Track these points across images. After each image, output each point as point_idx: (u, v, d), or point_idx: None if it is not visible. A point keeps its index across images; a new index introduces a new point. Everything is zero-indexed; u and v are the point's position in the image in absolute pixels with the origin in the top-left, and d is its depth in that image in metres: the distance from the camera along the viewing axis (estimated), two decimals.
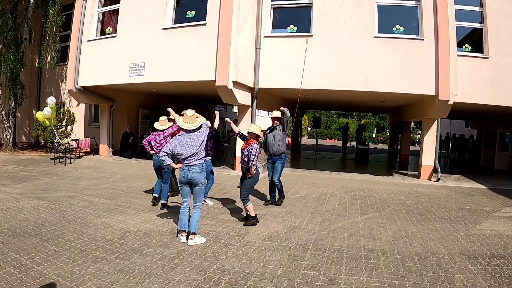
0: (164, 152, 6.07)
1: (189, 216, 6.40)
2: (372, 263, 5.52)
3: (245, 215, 7.80)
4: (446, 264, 5.57)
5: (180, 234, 6.34)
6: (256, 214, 7.60)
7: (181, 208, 6.46)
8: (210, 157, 9.09)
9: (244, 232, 6.85)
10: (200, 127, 6.34)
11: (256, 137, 7.57)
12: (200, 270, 5.05)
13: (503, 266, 5.58)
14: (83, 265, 5.08)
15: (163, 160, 6.12)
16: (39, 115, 15.04)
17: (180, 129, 6.42)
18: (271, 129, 9.25)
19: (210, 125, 7.11)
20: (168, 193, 8.93)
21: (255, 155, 7.43)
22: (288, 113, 8.93)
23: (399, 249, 6.19)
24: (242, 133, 8.15)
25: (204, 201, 8.87)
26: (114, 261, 5.26)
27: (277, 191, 9.35)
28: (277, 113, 9.06)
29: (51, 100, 15.35)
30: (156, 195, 8.90)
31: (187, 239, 6.20)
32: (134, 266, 5.13)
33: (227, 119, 8.62)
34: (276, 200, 9.33)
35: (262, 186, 10.80)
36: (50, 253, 5.46)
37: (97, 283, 4.57)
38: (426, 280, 4.96)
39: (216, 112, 8.09)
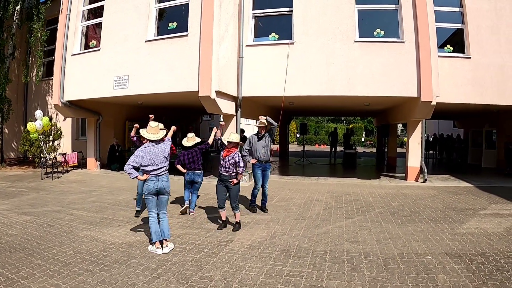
0: (130, 165, 6.12)
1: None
2: (355, 267, 5.55)
3: (221, 222, 7.86)
4: (430, 265, 5.61)
5: (154, 246, 6.29)
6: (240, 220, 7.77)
7: (152, 220, 6.41)
8: (201, 170, 9.16)
9: (228, 241, 6.86)
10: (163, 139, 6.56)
11: (237, 145, 7.66)
12: (182, 279, 5.07)
13: (487, 264, 5.63)
14: (68, 277, 5.10)
15: (129, 174, 6.16)
16: (30, 125, 15.03)
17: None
18: (259, 137, 9.19)
19: (171, 141, 7.19)
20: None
21: (242, 161, 7.59)
22: (274, 122, 8.98)
23: (383, 252, 6.23)
24: (222, 141, 8.16)
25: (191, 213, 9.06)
26: (98, 273, 5.28)
27: (262, 197, 9.38)
28: (264, 122, 9.06)
29: (38, 113, 15.31)
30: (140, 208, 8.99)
31: (162, 246, 6.26)
32: (117, 277, 5.14)
33: (216, 130, 8.62)
34: (261, 205, 9.41)
35: (246, 193, 10.79)
36: (36, 267, 5.48)
37: None
38: (409, 281, 5.00)
39: (215, 129, 8.24)
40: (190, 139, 8.81)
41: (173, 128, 7.48)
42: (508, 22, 13.26)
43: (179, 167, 8.89)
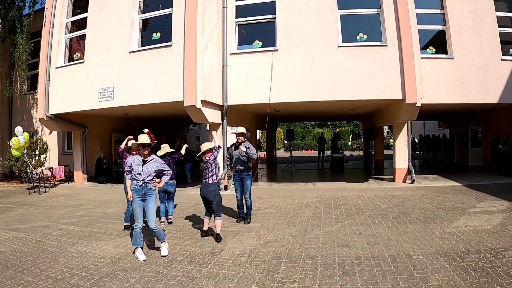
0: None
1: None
2: (346, 271, 5.55)
3: (205, 229, 7.88)
4: (421, 265, 5.63)
5: (138, 252, 6.48)
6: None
7: (137, 227, 6.50)
8: (174, 180, 9.18)
9: (218, 250, 6.83)
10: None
11: (210, 150, 7.67)
12: None
13: (478, 261, 5.67)
14: None
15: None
16: (14, 140, 14.93)
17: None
18: (236, 146, 9.04)
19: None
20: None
21: (214, 159, 7.66)
22: (252, 154, 8.89)
23: (374, 254, 6.24)
24: (182, 155, 8.38)
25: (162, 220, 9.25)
26: None
27: (245, 208, 9.19)
28: (241, 129, 8.94)
29: (18, 129, 15.20)
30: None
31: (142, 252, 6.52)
32: None
33: (185, 145, 9.23)
34: (245, 216, 9.18)
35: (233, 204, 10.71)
36: (26, 284, 5.40)
37: None
38: (401, 283, 5.01)
39: (185, 146, 9.01)
40: (163, 149, 8.95)
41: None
42: (489, 23, 13.49)
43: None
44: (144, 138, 6.64)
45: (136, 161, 6.65)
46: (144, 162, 6.63)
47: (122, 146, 8.49)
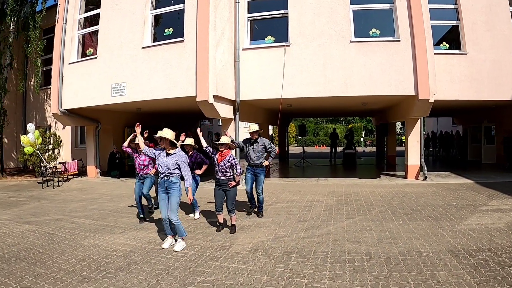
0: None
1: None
2: (356, 266, 5.55)
3: (220, 222, 7.93)
4: (431, 262, 5.61)
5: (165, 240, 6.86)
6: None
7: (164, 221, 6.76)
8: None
9: (229, 244, 6.87)
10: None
11: (229, 147, 7.73)
12: (184, 284, 5.08)
13: (489, 259, 5.62)
14: (70, 285, 5.11)
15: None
16: (24, 138, 15.08)
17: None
18: (251, 142, 9.16)
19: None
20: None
21: (238, 163, 7.74)
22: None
23: (384, 251, 6.23)
24: (209, 148, 8.17)
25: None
26: (100, 280, 5.28)
27: (257, 203, 9.28)
28: (255, 127, 9.00)
29: (29, 126, 15.34)
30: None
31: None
32: (120, 284, 5.15)
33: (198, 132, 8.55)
34: (257, 209, 9.31)
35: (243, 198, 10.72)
36: (38, 275, 5.48)
37: None
38: (410, 279, 5.00)
39: (199, 131, 8.36)
40: (187, 140, 8.88)
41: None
42: (502, 18, 13.32)
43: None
44: (165, 133, 6.62)
45: (161, 153, 6.75)
46: (168, 155, 6.67)
47: (126, 144, 8.61)
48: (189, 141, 8.62)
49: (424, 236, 6.98)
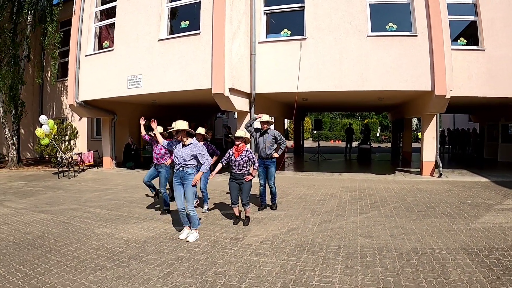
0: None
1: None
2: (368, 261, 5.54)
3: (237, 215, 7.92)
4: (444, 259, 5.56)
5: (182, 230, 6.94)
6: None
7: (180, 212, 6.79)
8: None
9: (242, 236, 6.90)
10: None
11: (245, 142, 7.75)
12: (196, 274, 5.11)
13: (502, 258, 5.56)
14: (84, 273, 5.17)
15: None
16: (38, 131, 15.25)
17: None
18: (261, 133, 9.10)
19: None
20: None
21: (255, 157, 7.80)
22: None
23: (396, 246, 6.20)
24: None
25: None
26: (114, 269, 5.34)
27: (270, 195, 9.25)
28: (266, 117, 8.95)
29: (42, 118, 15.49)
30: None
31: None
32: (133, 272, 5.20)
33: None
34: (271, 203, 9.27)
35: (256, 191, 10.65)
36: (53, 263, 5.56)
37: None
38: (422, 276, 4.97)
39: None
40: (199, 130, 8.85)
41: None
42: None
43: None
44: (179, 125, 6.60)
45: (178, 144, 6.79)
46: (184, 146, 6.69)
47: (143, 132, 8.96)
48: (201, 130, 8.60)
49: (437, 233, 6.93)
